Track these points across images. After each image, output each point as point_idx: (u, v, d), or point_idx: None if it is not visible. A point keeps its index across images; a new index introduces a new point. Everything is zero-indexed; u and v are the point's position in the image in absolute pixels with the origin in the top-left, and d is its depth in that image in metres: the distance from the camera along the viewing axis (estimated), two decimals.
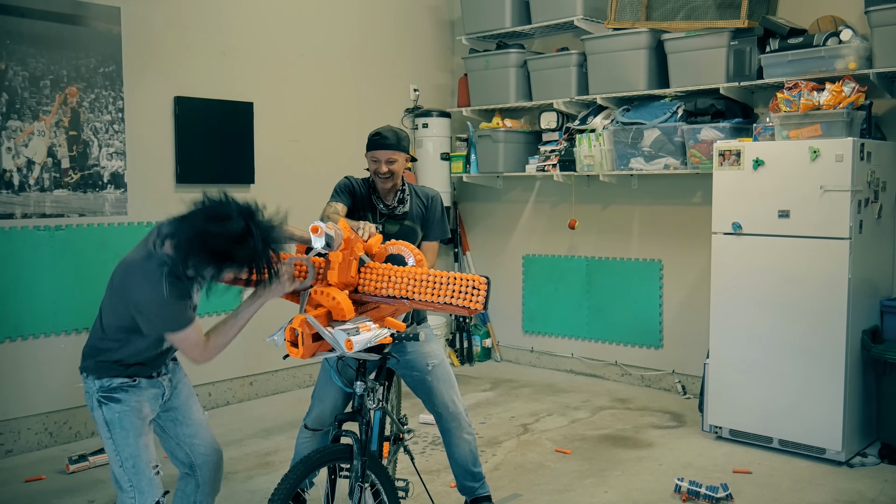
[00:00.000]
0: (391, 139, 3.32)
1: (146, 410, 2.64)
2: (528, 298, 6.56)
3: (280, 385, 5.76)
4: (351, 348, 2.47)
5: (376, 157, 3.31)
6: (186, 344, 2.53)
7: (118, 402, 2.59)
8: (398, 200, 3.38)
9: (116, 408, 2.59)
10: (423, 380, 3.27)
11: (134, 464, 2.58)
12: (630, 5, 5.41)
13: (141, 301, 2.48)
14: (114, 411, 2.59)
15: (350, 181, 3.40)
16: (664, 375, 5.78)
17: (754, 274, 4.47)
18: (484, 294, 2.56)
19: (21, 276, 4.49)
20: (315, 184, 5.74)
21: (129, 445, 2.58)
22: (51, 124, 4.58)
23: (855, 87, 4.30)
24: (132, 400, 2.60)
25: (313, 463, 2.66)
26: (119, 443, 2.58)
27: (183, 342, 2.54)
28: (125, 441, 2.57)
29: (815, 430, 4.29)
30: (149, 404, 2.65)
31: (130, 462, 2.58)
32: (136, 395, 2.61)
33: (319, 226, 2.58)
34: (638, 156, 5.43)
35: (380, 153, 3.30)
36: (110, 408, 2.59)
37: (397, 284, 2.66)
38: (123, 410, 2.59)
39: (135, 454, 2.58)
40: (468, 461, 3.38)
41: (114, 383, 2.60)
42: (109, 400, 2.59)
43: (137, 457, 2.58)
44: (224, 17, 5.37)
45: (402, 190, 3.40)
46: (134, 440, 2.58)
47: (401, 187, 3.40)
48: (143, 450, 2.59)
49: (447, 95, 6.91)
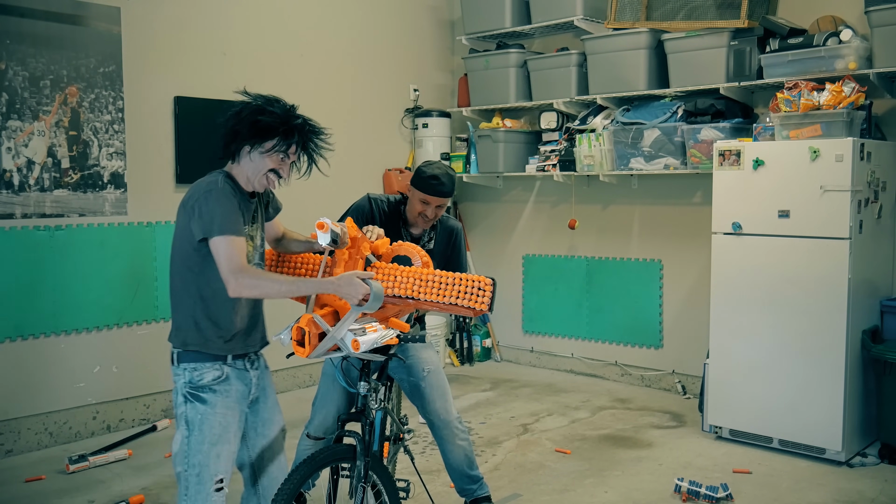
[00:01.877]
0: (448, 186, 3.16)
1: (231, 415, 2.54)
2: (528, 298, 6.56)
3: (280, 385, 5.76)
4: (357, 349, 2.47)
5: (427, 201, 3.17)
6: (223, 256, 2.39)
7: (204, 402, 2.50)
8: (428, 237, 3.31)
9: (201, 408, 2.49)
10: (417, 385, 3.27)
11: (199, 472, 2.48)
12: (630, 5, 5.41)
13: (196, 195, 2.48)
14: (197, 411, 2.49)
15: (371, 204, 3.25)
16: (664, 375, 5.78)
17: (754, 274, 4.47)
18: (489, 295, 2.55)
19: (21, 276, 4.49)
20: (315, 184, 5.74)
21: (202, 452, 2.48)
22: (51, 124, 4.58)
23: (855, 87, 4.30)
24: (219, 403, 2.51)
25: (318, 463, 2.66)
26: (193, 446, 2.48)
27: (221, 251, 2.40)
28: (199, 446, 2.48)
29: (815, 430, 4.29)
30: (237, 406, 2.56)
31: (196, 470, 2.47)
32: (223, 398, 2.52)
33: (325, 222, 2.57)
34: (638, 156, 5.43)
35: (434, 199, 3.17)
36: (195, 407, 2.50)
37: (403, 284, 2.65)
38: (207, 413, 2.49)
39: (203, 462, 2.48)
40: (464, 465, 3.38)
41: (204, 379, 2.51)
42: (196, 398, 2.50)
43: (205, 466, 2.48)
44: (224, 17, 5.37)
45: (434, 226, 3.32)
46: (208, 447, 2.48)
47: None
48: (213, 459, 2.48)
49: (447, 95, 6.91)
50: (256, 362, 2.67)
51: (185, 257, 2.52)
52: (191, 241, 2.48)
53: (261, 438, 2.70)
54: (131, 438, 4.70)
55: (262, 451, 2.70)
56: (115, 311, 4.88)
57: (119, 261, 4.87)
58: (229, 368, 2.56)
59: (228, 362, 2.56)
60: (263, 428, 2.70)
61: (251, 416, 2.68)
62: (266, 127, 2.50)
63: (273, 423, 2.73)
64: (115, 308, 4.88)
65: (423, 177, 3.17)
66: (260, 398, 2.69)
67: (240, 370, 2.59)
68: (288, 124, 2.52)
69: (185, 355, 2.54)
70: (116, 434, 4.82)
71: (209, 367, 2.53)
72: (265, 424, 2.70)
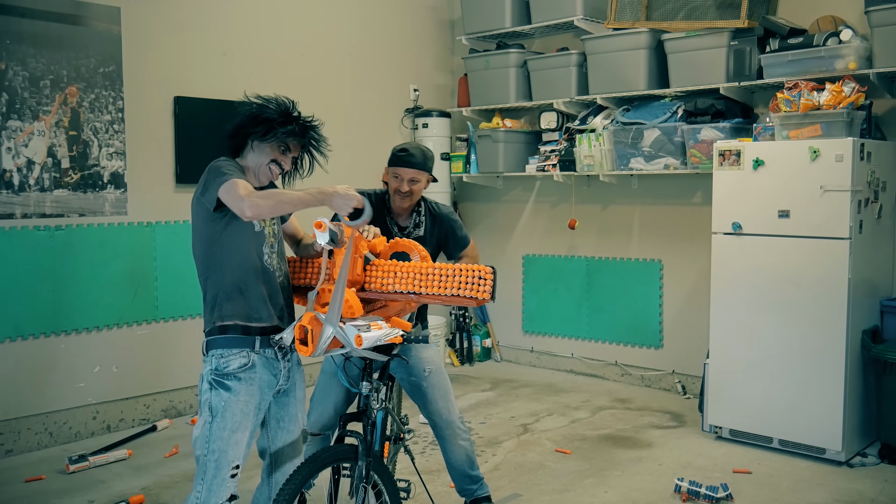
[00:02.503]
0: (418, 157, 3.20)
1: (253, 402, 2.59)
2: (528, 298, 6.56)
3: None
4: (360, 344, 2.47)
5: (399, 175, 3.19)
6: (231, 194, 2.49)
7: (228, 389, 2.55)
8: (414, 224, 3.29)
9: (225, 395, 2.55)
10: (419, 385, 3.26)
11: (218, 458, 2.53)
12: (630, 5, 5.41)
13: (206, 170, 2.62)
14: (221, 398, 2.54)
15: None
16: (664, 375, 5.78)
17: (754, 274, 4.47)
18: (491, 283, 2.56)
19: (21, 276, 4.49)
20: (315, 184, 5.74)
21: (223, 439, 2.53)
22: (51, 124, 4.58)
23: (855, 87, 4.30)
24: (243, 391, 2.56)
25: (319, 463, 2.66)
26: (214, 433, 2.53)
27: (228, 193, 2.50)
28: (220, 433, 2.53)
29: (814, 430, 4.30)
30: (259, 394, 2.60)
31: (216, 455, 2.53)
32: (247, 385, 2.57)
33: (323, 221, 2.58)
34: (638, 156, 5.43)
35: (404, 171, 3.19)
36: (219, 394, 2.55)
37: (403, 280, 2.65)
38: (231, 400, 2.55)
39: (223, 448, 2.53)
40: (465, 466, 3.37)
41: (230, 366, 2.56)
42: (220, 386, 2.55)
43: (224, 452, 2.53)
44: (224, 17, 5.37)
45: (418, 211, 3.31)
46: (229, 434, 2.54)
47: (416, 208, 3.30)
48: (233, 446, 2.54)
49: (447, 95, 6.91)
50: (289, 355, 2.71)
51: (206, 239, 2.61)
52: (207, 218, 2.59)
53: (283, 432, 2.75)
54: (131, 438, 4.70)
55: (283, 446, 2.75)
56: (115, 311, 4.88)
57: (119, 261, 4.87)
58: (256, 356, 2.60)
59: (256, 349, 2.60)
60: (287, 423, 2.76)
61: (275, 406, 2.73)
62: (266, 118, 2.65)
63: (296, 420, 2.78)
64: (115, 308, 4.87)
65: (393, 152, 3.25)
66: (289, 391, 2.75)
67: (268, 359, 2.64)
68: (286, 115, 2.68)
69: (214, 342, 2.59)
70: (116, 434, 4.82)
71: (236, 353, 2.58)
72: (290, 420, 2.76)
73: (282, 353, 2.67)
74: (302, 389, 2.82)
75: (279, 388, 2.70)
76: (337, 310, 2.50)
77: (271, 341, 2.62)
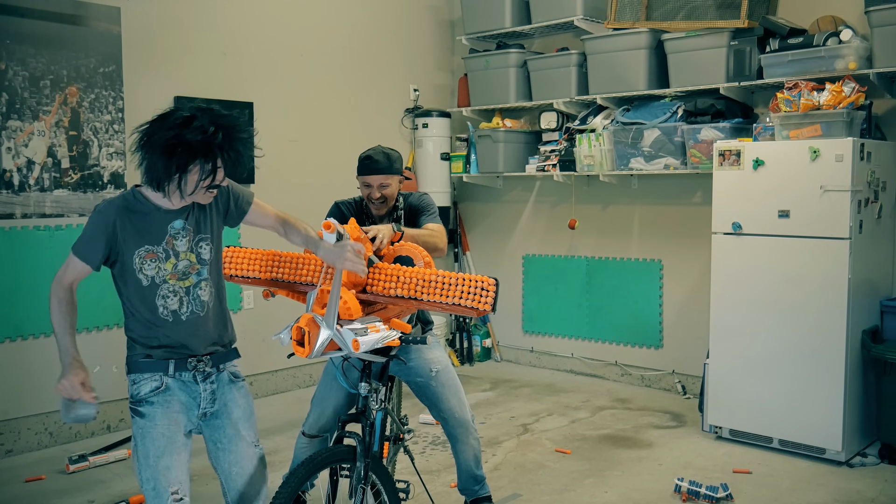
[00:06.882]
0: (383, 162, 3.18)
1: (175, 426, 2.45)
2: (528, 298, 6.56)
3: (280, 385, 5.76)
4: (357, 349, 2.46)
5: (368, 183, 3.19)
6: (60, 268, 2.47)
7: (142, 416, 2.44)
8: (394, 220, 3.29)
9: (140, 422, 2.44)
10: (427, 385, 3.24)
11: (154, 486, 2.40)
12: (630, 5, 5.41)
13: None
14: (138, 426, 2.44)
15: (339, 208, 3.28)
16: (664, 375, 5.78)
17: (754, 274, 4.47)
18: (493, 295, 2.55)
19: (21, 276, 4.49)
20: (315, 184, 5.76)
21: (149, 467, 2.41)
22: (51, 124, 4.58)
23: (855, 87, 4.30)
24: (158, 415, 2.44)
25: (317, 464, 2.65)
26: (140, 461, 2.42)
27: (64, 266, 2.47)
28: (145, 461, 2.41)
29: (814, 430, 4.30)
30: (180, 416, 2.47)
31: (151, 484, 2.41)
32: (162, 409, 2.45)
33: (332, 222, 2.58)
34: (638, 156, 5.43)
35: (371, 178, 3.18)
36: (136, 421, 2.45)
37: (406, 285, 2.65)
38: (146, 427, 2.43)
39: (154, 476, 2.40)
40: (472, 465, 3.37)
41: (141, 392, 2.45)
42: (135, 413, 2.45)
43: (156, 479, 2.40)
44: (224, 17, 5.36)
45: (396, 207, 3.30)
46: (154, 461, 2.41)
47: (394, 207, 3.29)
48: (161, 472, 2.40)
49: (447, 95, 6.91)
50: (213, 376, 2.55)
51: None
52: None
53: (224, 452, 2.58)
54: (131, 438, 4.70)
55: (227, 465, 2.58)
56: (115, 311, 4.82)
57: None
58: (170, 379, 2.48)
59: (170, 373, 2.48)
60: (226, 443, 2.58)
61: (207, 430, 2.57)
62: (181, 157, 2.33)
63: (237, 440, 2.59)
64: (115, 308, 4.79)
65: (359, 161, 3.25)
66: (219, 413, 2.57)
67: (185, 382, 2.51)
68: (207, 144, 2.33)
69: (129, 362, 2.51)
70: (116, 434, 4.82)
71: (147, 378, 2.47)
72: (228, 440, 2.58)
73: (202, 375, 2.51)
74: (242, 408, 2.62)
75: (204, 412, 2.53)
76: (333, 313, 2.49)
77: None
